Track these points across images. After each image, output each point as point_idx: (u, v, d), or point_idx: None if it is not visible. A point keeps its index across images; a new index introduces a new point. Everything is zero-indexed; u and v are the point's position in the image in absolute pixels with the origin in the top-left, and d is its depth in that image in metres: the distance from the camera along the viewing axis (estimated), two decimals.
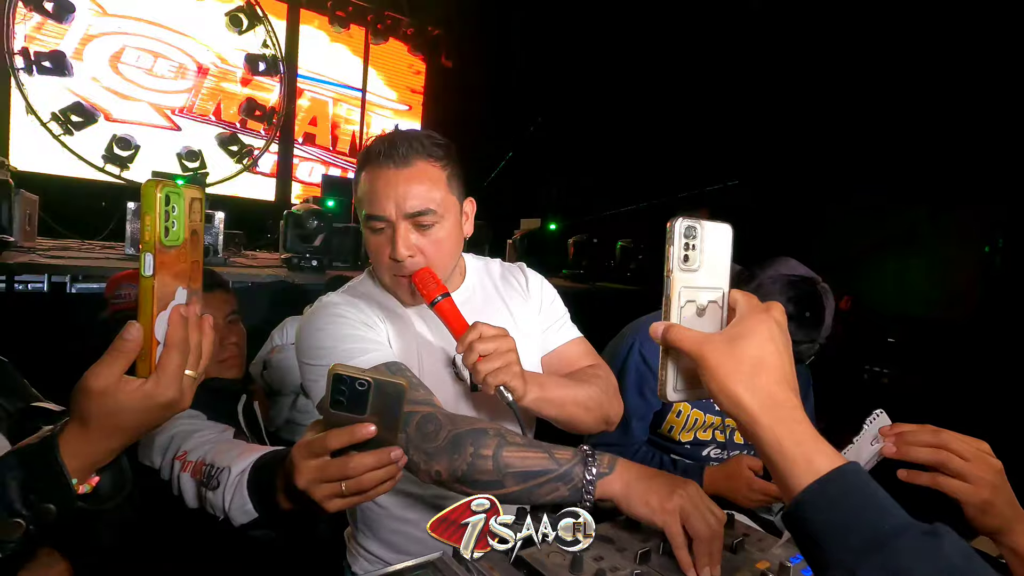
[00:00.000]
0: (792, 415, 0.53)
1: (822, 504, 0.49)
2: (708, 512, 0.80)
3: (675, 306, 0.58)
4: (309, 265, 3.92)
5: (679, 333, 0.58)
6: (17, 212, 3.22)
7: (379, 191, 1.00)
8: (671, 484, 0.82)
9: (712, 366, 0.55)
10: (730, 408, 0.55)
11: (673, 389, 0.60)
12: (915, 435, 0.78)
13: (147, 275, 0.60)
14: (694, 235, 0.58)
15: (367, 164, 1.04)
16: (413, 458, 0.91)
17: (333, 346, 1.01)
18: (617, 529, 0.89)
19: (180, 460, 1.14)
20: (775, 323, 0.57)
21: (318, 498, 0.72)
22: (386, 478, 0.72)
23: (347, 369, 0.69)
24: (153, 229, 0.59)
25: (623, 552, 0.83)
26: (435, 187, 1.02)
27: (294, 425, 2.50)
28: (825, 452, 0.51)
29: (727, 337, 0.56)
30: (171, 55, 6.05)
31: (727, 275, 0.60)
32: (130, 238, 3.68)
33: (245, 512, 0.93)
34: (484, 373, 0.92)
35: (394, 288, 1.09)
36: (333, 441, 0.70)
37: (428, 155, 1.02)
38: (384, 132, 1.07)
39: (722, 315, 0.60)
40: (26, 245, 3.40)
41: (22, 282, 2.96)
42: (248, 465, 0.96)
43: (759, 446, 0.54)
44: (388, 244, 1.02)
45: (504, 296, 1.21)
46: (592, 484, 0.84)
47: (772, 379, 0.54)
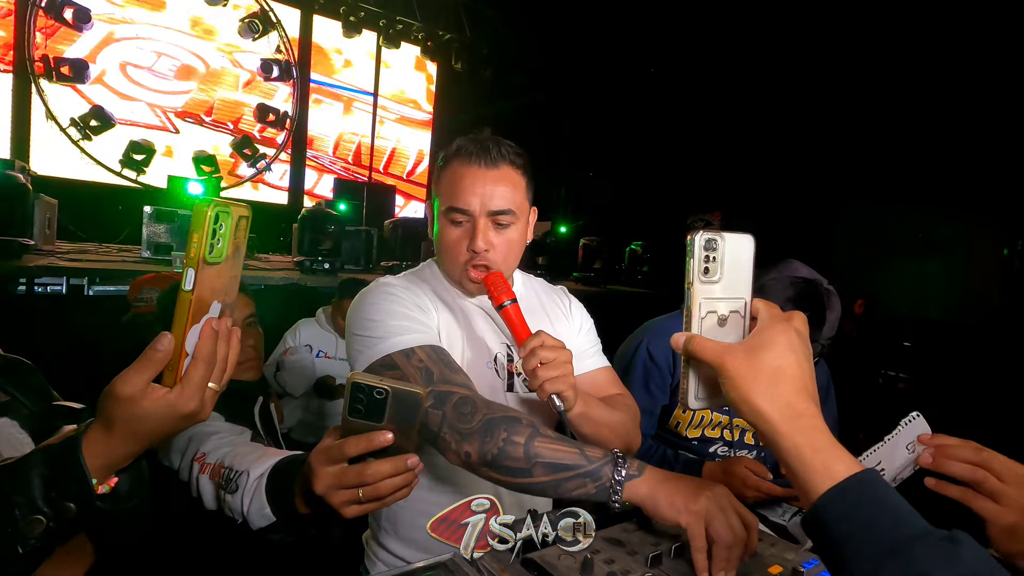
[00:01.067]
0: (811, 423, 0.54)
1: (840, 510, 0.49)
2: (734, 516, 0.79)
3: (696, 317, 0.59)
4: (321, 268, 3.96)
5: (700, 344, 0.58)
6: (37, 216, 3.29)
7: (466, 187, 1.05)
8: (699, 486, 0.82)
9: (732, 376, 0.56)
10: (750, 417, 0.56)
11: (695, 397, 0.61)
12: (956, 450, 0.77)
13: (187, 289, 0.61)
14: (714, 247, 0.59)
15: (454, 160, 1.09)
16: (445, 437, 0.92)
17: (382, 320, 1.04)
18: (628, 532, 0.89)
19: (199, 462, 1.15)
20: (795, 332, 0.57)
21: (335, 504, 0.73)
22: (402, 485, 0.73)
23: (365, 377, 0.70)
24: (200, 246, 0.61)
25: (634, 555, 0.83)
26: (516, 191, 1.08)
27: (307, 425, 2.53)
28: (843, 459, 0.52)
29: (747, 347, 0.57)
30: (186, 61, 6.15)
31: (749, 285, 0.60)
32: (146, 241, 3.74)
33: (263, 516, 0.94)
34: (542, 379, 0.94)
35: (460, 278, 1.11)
36: (351, 448, 0.71)
37: (512, 161, 1.09)
38: (473, 134, 1.13)
39: (744, 325, 0.61)
40: (46, 248, 3.47)
41: (41, 284, 3.02)
42: (266, 469, 0.97)
43: (779, 455, 0.54)
44: (466, 237, 1.07)
45: (548, 311, 1.25)
46: (620, 485, 0.84)
47: (791, 389, 0.55)
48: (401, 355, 0.99)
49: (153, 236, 3.74)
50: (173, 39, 6.05)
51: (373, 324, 1.04)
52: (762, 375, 0.55)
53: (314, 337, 2.67)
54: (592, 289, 5.36)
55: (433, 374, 0.96)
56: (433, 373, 0.97)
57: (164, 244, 3.74)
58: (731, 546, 0.76)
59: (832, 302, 1.34)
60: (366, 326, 1.05)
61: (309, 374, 2.37)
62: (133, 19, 5.81)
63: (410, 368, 0.98)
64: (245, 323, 1.47)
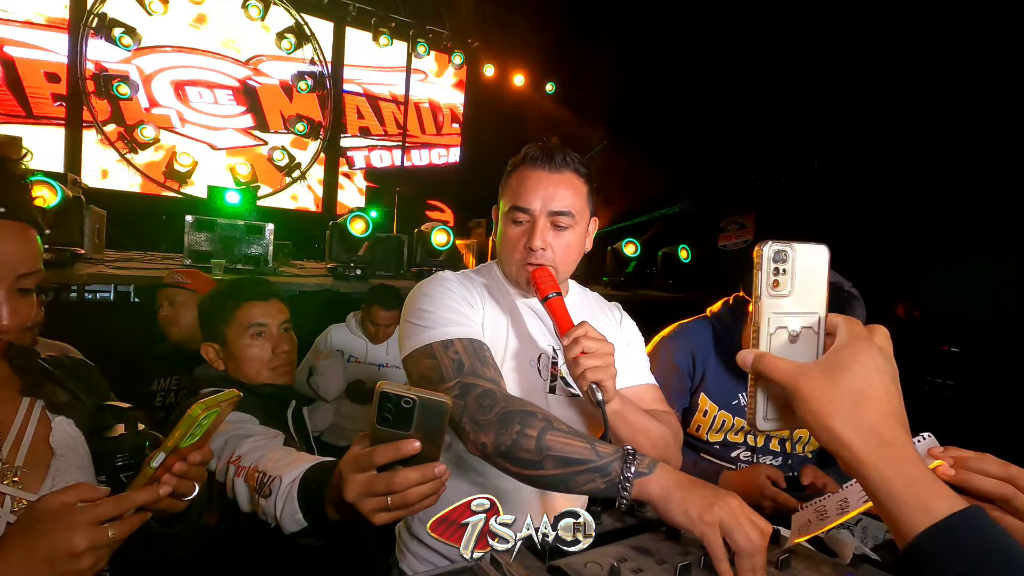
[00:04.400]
0: (901, 453, 0.49)
1: (943, 551, 0.45)
2: (751, 525, 0.77)
3: (764, 333, 0.56)
4: (353, 274, 4.04)
5: (771, 363, 0.54)
6: (87, 226, 3.45)
7: (529, 188, 1.10)
8: (712, 495, 0.81)
9: (808, 399, 0.52)
10: (830, 445, 0.51)
11: (764, 419, 0.57)
12: (978, 463, 0.72)
13: (153, 466, 0.71)
14: (784, 259, 0.55)
15: (521, 165, 1.14)
16: (465, 427, 0.95)
17: (433, 311, 1.08)
18: (657, 541, 0.88)
19: (234, 464, 1.18)
20: (879, 351, 0.53)
21: (365, 511, 0.75)
22: (430, 493, 0.74)
23: (393, 387, 0.71)
24: (178, 439, 0.70)
25: (663, 565, 0.82)
26: (577, 196, 1.12)
27: (338, 429, 2.57)
28: (942, 494, 0.47)
29: (824, 368, 0.52)
30: (225, 75, 6.38)
31: (824, 299, 0.56)
32: (187, 249, 3.88)
33: (296, 521, 0.96)
34: (584, 367, 0.96)
35: (517, 276, 1.15)
36: (379, 457, 0.72)
37: (576, 169, 1.13)
38: (541, 142, 1.18)
39: (819, 342, 0.56)
40: (95, 257, 3.64)
41: (92, 291, 3.17)
42: (298, 475, 0.99)
43: (865, 487, 0.51)
44: (525, 236, 1.11)
45: (598, 318, 1.28)
46: (629, 481, 0.84)
47: (877, 414, 0.50)
48: (440, 345, 1.03)
49: (194, 244, 3.89)
50: (214, 57, 6.30)
51: (422, 313, 1.09)
52: (843, 399, 0.51)
53: (345, 342, 2.72)
54: (622, 294, 5.31)
55: (464, 366, 1.00)
56: (464, 365, 1.00)
57: (204, 252, 3.88)
58: (753, 555, 0.75)
59: (854, 305, 1.31)
60: (416, 314, 1.10)
61: (340, 379, 2.42)
62: (177, 37, 6.07)
63: (445, 358, 1.01)
64: (280, 328, 1.51)
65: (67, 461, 0.81)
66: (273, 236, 4.11)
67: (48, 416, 0.84)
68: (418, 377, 1.04)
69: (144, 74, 5.92)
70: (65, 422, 0.84)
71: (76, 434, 0.83)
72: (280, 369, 1.53)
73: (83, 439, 0.84)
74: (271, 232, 4.08)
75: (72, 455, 0.82)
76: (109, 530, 0.65)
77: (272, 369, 1.50)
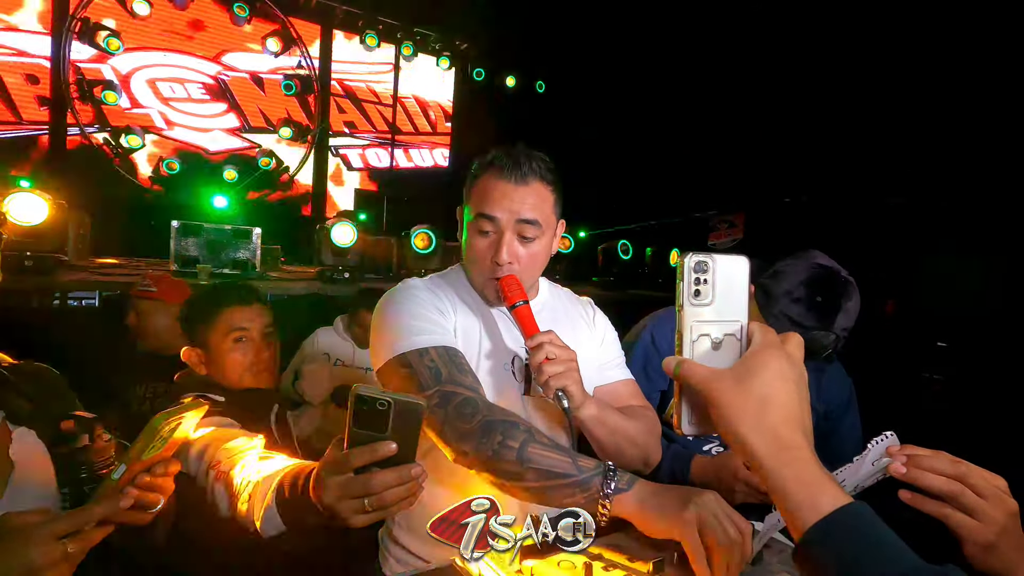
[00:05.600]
0: (798, 456, 0.51)
1: (827, 545, 0.48)
2: (728, 522, 0.78)
3: (687, 340, 0.58)
4: (342, 277, 4.02)
5: (690, 368, 0.57)
6: (71, 232, 3.42)
7: (495, 199, 1.09)
8: (685, 495, 0.81)
9: (719, 404, 0.54)
10: (737, 449, 0.54)
11: (688, 423, 0.60)
12: (931, 461, 0.74)
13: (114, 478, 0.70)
14: (705, 269, 0.57)
15: (487, 171, 1.12)
16: (446, 435, 0.95)
17: (403, 321, 1.08)
18: (631, 539, 0.89)
19: (214, 469, 1.18)
20: (786, 358, 0.55)
21: (343, 514, 0.75)
22: (407, 494, 0.75)
23: (368, 390, 0.72)
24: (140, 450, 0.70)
25: (635, 562, 0.83)
26: (544, 204, 1.11)
27: (326, 434, 2.56)
28: (829, 492, 0.50)
29: (736, 374, 0.55)
30: (212, 77, 6.34)
31: (744, 308, 0.59)
32: (174, 254, 3.86)
33: (274, 525, 0.96)
34: (548, 374, 0.97)
35: (482, 287, 1.15)
36: (356, 459, 0.73)
37: (543, 177, 1.11)
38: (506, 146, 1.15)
39: (740, 349, 0.59)
40: (79, 263, 3.60)
41: (76, 298, 3.13)
42: (276, 479, 0.99)
43: (767, 488, 0.53)
44: (492, 249, 1.10)
45: (571, 319, 1.27)
46: (608, 498, 0.84)
47: (779, 419, 0.53)
48: (415, 354, 1.02)
49: (181, 250, 3.86)
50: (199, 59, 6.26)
51: (392, 323, 1.08)
52: (749, 403, 0.53)
53: (332, 345, 2.71)
54: (612, 294, 5.32)
55: (442, 374, 0.99)
56: (442, 373, 1.00)
57: (192, 257, 3.85)
58: (729, 551, 0.76)
59: (849, 291, 1.30)
60: (386, 325, 1.09)
61: (327, 382, 2.40)
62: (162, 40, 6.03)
63: (421, 367, 1.01)
64: (263, 333, 1.51)
65: (27, 473, 0.79)
66: (261, 240, 4.09)
67: (8, 427, 0.82)
68: (394, 388, 1.03)
69: (121, 74, 5.88)
70: (26, 433, 0.82)
71: (38, 445, 0.82)
72: (262, 374, 1.53)
73: (45, 450, 0.82)
74: (258, 236, 4.06)
75: (33, 467, 0.80)
76: (68, 545, 0.64)
77: (254, 374, 1.50)
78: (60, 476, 0.83)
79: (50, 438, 0.83)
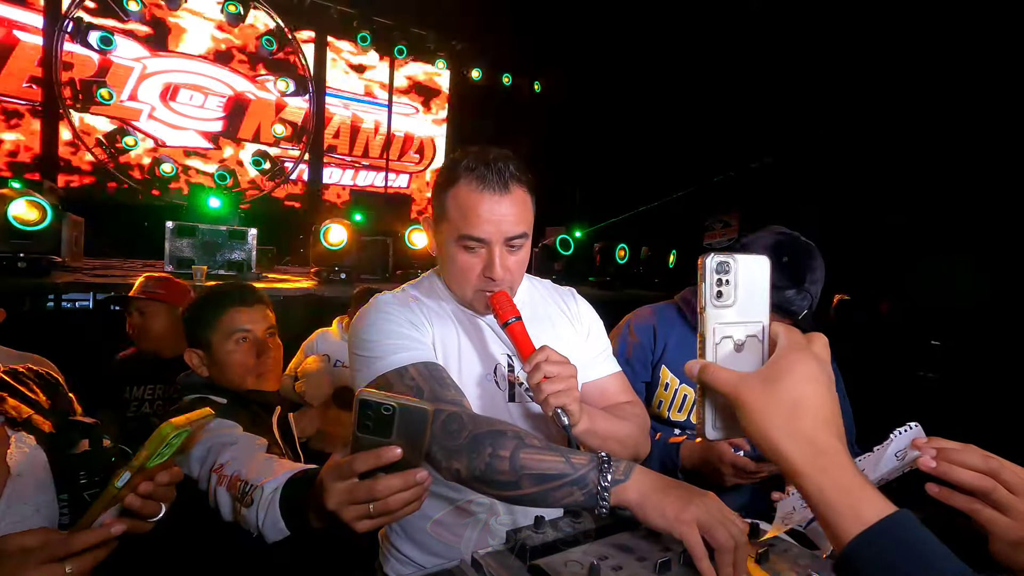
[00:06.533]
0: (835, 461, 0.50)
1: (871, 556, 0.46)
2: (729, 522, 0.79)
3: (710, 343, 0.56)
4: (338, 278, 4.01)
5: (714, 373, 0.55)
6: (65, 234, 3.39)
7: (482, 218, 1.03)
8: (688, 494, 0.82)
9: (748, 409, 0.53)
10: (770, 455, 0.52)
11: (712, 427, 0.58)
12: (961, 455, 0.71)
13: (118, 486, 0.69)
14: (727, 270, 0.56)
15: (461, 181, 1.05)
16: (436, 455, 0.93)
17: (376, 340, 1.05)
18: (637, 538, 0.89)
19: (216, 473, 1.17)
20: (814, 359, 0.53)
21: (347, 519, 0.74)
22: (412, 499, 0.74)
23: (373, 394, 0.71)
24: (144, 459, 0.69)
25: (643, 562, 0.82)
26: (527, 212, 1.08)
27: (326, 436, 2.55)
28: (872, 500, 0.48)
29: (763, 377, 0.53)
30: (206, 80, 6.30)
31: (766, 309, 0.57)
32: (168, 255, 3.83)
33: (278, 530, 0.96)
34: (547, 393, 0.95)
35: (473, 302, 1.12)
36: (360, 464, 0.72)
37: (520, 181, 1.07)
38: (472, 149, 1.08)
39: (763, 350, 0.57)
40: (73, 265, 3.58)
41: (69, 300, 3.11)
42: (280, 483, 0.98)
43: (803, 495, 0.51)
44: (481, 263, 1.06)
45: (552, 317, 1.25)
46: (607, 491, 0.84)
47: (812, 422, 0.51)
48: (395, 374, 1.00)
49: (175, 251, 3.84)
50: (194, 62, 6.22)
51: (368, 344, 1.06)
52: (780, 408, 0.51)
53: (331, 347, 2.70)
54: (608, 293, 5.34)
55: (424, 392, 0.97)
56: (424, 391, 0.98)
57: (186, 258, 3.83)
58: (733, 551, 0.76)
59: (812, 252, 1.36)
60: (362, 346, 1.07)
61: (327, 384, 2.40)
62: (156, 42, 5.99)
63: (402, 387, 0.99)
64: (266, 334, 1.50)
65: (25, 480, 0.77)
66: (256, 241, 4.07)
67: (7, 431, 0.80)
68: None
69: (122, 78, 5.84)
70: (25, 438, 0.80)
71: (37, 451, 0.80)
72: (265, 375, 1.51)
73: (44, 456, 0.80)
74: (254, 237, 4.04)
75: (31, 474, 0.78)
76: (67, 566, 0.63)
77: (257, 375, 1.48)
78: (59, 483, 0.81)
79: (50, 444, 0.81)
